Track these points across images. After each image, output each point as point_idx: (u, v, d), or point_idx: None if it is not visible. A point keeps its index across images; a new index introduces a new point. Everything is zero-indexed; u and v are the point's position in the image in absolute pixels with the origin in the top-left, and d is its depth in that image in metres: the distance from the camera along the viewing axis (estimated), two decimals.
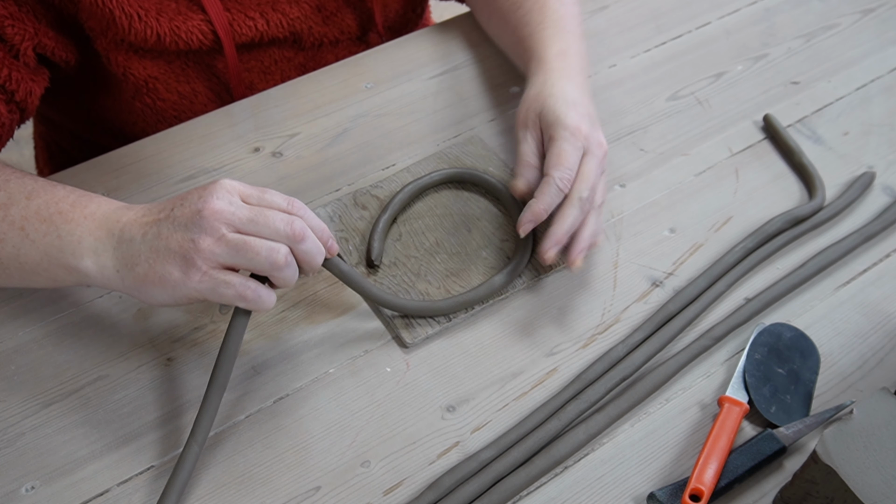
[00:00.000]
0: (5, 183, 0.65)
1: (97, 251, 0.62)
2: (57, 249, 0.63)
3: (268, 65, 0.91)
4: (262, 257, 0.60)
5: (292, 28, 0.89)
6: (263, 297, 0.61)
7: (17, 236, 0.63)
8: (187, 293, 0.60)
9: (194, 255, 0.59)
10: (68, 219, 0.63)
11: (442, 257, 0.76)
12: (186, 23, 0.82)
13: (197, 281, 0.60)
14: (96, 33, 0.81)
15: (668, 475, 0.65)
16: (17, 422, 0.66)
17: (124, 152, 0.84)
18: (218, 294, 0.60)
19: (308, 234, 0.61)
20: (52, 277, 0.65)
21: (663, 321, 0.73)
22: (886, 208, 0.82)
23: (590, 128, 0.74)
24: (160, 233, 0.60)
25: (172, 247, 0.60)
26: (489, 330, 0.73)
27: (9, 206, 0.64)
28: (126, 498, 0.62)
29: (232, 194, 0.61)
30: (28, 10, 0.75)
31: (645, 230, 0.80)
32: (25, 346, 0.70)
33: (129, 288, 0.62)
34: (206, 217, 0.59)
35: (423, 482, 0.64)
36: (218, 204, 0.60)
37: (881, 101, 0.93)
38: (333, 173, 0.83)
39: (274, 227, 0.60)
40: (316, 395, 0.68)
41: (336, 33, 0.93)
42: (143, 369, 0.69)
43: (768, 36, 0.99)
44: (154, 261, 0.60)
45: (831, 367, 0.71)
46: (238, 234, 0.60)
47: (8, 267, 0.65)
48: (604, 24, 0.99)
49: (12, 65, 0.74)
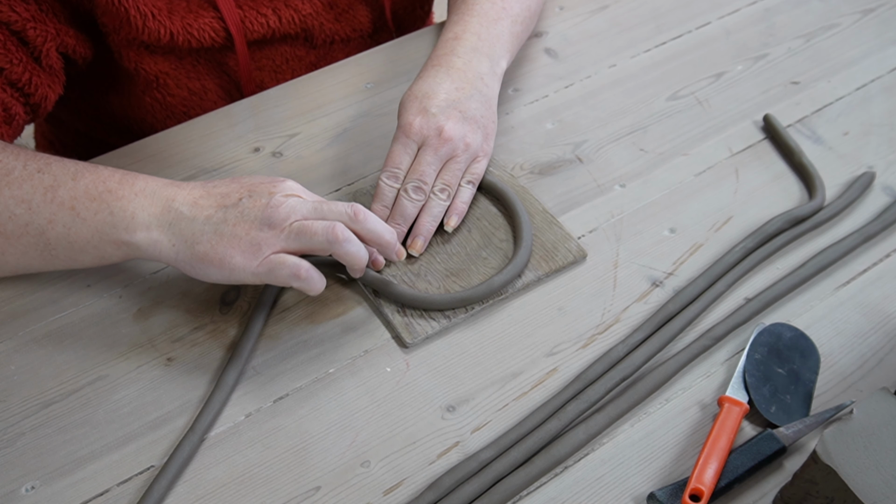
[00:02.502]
0: (47, 166, 0.67)
1: (150, 226, 0.65)
2: (109, 226, 0.65)
3: (279, 63, 0.91)
4: (319, 235, 0.64)
5: (304, 25, 0.89)
6: (315, 277, 0.66)
7: (68, 216, 0.65)
8: (243, 277, 0.65)
9: (261, 244, 0.64)
10: (118, 196, 0.65)
11: (442, 257, 0.76)
12: (198, 20, 0.82)
13: (256, 266, 0.64)
14: (109, 30, 0.81)
15: (668, 475, 0.65)
16: (17, 422, 0.66)
17: (124, 152, 0.84)
18: (273, 276, 0.65)
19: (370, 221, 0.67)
20: (100, 255, 0.67)
21: (663, 321, 0.73)
22: (886, 208, 0.82)
23: (424, 121, 0.76)
24: (227, 218, 0.65)
25: (240, 234, 0.64)
26: (489, 330, 0.73)
27: (56, 187, 0.66)
28: (126, 498, 0.62)
29: (297, 192, 0.67)
30: (48, 9, 0.75)
31: (645, 230, 0.80)
32: (25, 346, 0.70)
33: (181, 262, 0.66)
34: (276, 209, 0.65)
35: (423, 482, 0.64)
36: (288, 200, 0.65)
37: (881, 101, 0.93)
38: (333, 173, 0.83)
39: (337, 210, 0.66)
40: (316, 395, 0.68)
41: (348, 30, 0.93)
42: (143, 369, 0.69)
43: (768, 36, 0.99)
44: (217, 243, 0.64)
45: (831, 367, 0.71)
46: (300, 221, 0.65)
47: (55, 248, 0.66)
48: (604, 24, 0.99)
49: (34, 70, 0.75)
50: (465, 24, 0.83)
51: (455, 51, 0.81)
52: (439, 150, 0.75)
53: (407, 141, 0.76)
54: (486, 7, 0.85)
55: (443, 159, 0.76)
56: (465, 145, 0.76)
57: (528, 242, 0.76)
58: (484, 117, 0.79)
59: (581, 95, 0.91)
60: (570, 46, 0.96)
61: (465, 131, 0.77)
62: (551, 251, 0.77)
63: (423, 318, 0.72)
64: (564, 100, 0.91)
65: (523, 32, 0.89)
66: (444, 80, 0.78)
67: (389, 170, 0.76)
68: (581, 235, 0.79)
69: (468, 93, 0.78)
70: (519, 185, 0.82)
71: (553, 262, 0.76)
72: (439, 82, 0.78)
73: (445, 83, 0.78)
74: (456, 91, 0.78)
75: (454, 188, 0.76)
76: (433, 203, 0.76)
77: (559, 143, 0.87)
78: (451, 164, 0.76)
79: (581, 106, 0.90)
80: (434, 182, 0.76)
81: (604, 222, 0.80)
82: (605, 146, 0.87)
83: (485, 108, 0.79)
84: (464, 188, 0.77)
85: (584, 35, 0.98)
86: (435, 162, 0.75)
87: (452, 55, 0.80)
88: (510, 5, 0.86)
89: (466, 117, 0.77)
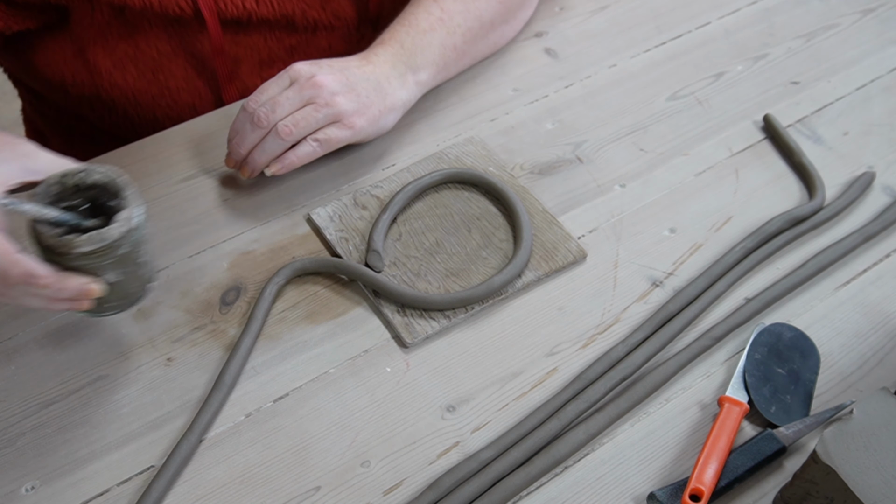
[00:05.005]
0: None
1: None
2: None
3: (257, 43, 0.90)
4: None
5: (284, 10, 0.88)
6: None
7: None
8: None
9: None
10: None
11: (442, 257, 0.76)
12: None
13: None
14: None
15: (668, 475, 0.65)
16: (17, 422, 0.66)
17: (124, 152, 0.84)
18: None
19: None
20: None
21: (663, 321, 0.73)
22: (886, 208, 0.82)
23: (307, 67, 0.76)
24: None
25: None
26: (489, 330, 0.73)
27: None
28: (126, 498, 0.62)
29: None
30: None
31: (645, 230, 0.80)
32: (25, 346, 0.70)
33: None
34: None
35: (423, 482, 0.64)
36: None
37: (881, 101, 0.93)
38: (333, 173, 0.83)
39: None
40: (316, 395, 0.68)
41: (332, 18, 0.92)
42: (143, 369, 0.69)
43: (768, 36, 0.99)
44: None
45: (831, 367, 0.71)
46: None
47: None
48: (604, 24, 0.99)
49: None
50: (392, 32, 0.84)
51: (373, 52, 0.82)
52: (303, 91, 0.75)
53: (283, 76, 0.76)
54: (420, 17, 0.84)
55: (304, 101, 0.75)
56: (330, 98, 0.75)
57: (528, 242, 0.76)
58: (368, 98, 0.78)
59: (581, 95, 0.91)
60: (570, 46, 0.96)
61: (339, 90, 0.76)
62: (551, 251, 0.77)
63: (423, 318, 0.72)
64: (564, 100, 0.91)
65: (468, 44, 0.87)
66: (350, 60, 0.80)
67: (253, 97, 0.76)
68: (581, 235, 0.79)
69: (365, 76, 0.78)
70: (519, 185, 0.82)
71: (553, 262, 0.76)
72: (346, 60, 0.79)
73: (351, 62, 0.79)
74: (355, 69, 0.79)
75: (299, 132, 0.75)
76: (269, 140, 0.75)
77: (559, 143, 0.87)
78: (309, 108, 0.75)
79: (581, 106, 0.90)
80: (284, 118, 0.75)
81: (604, 222, 0.80)
82: (605, 146, 0.87)
83: (374, 93, 0.79)
84: (307, 143, 0.76)
85: (584, 35, 0.98)
86: (294, 98, 0.75)
87: (370, 54, 0.81)
88: (450, 17, 0.85)
89: (349, 84, 0.77)
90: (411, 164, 0.83)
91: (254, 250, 0.77)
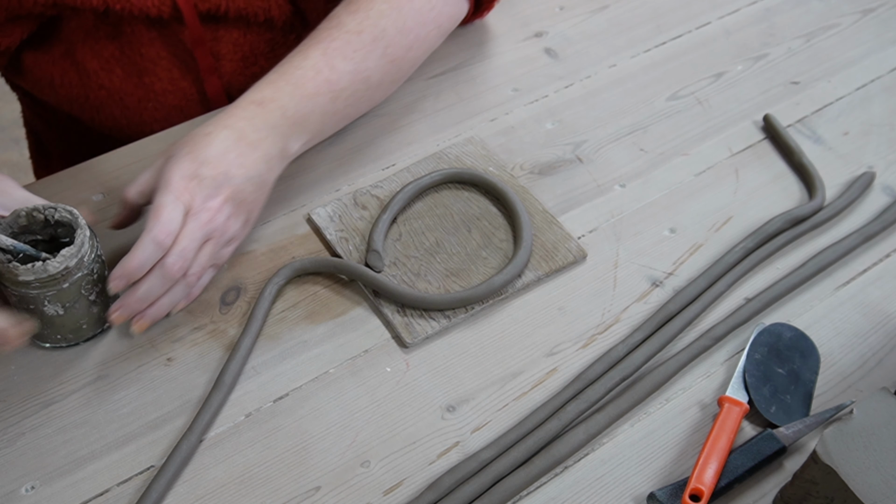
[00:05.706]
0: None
1: None
2: None
3: (235, 36, 0.89)
4: None
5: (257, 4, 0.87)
6: None
7: None
8: None
9: None
10: None
11: (442, 257, 0.76)
12: None
13: None
14: None
15: (668, 475, 0.65)
16: (17, 422, 0.66)
17: (124, 152, 0.84)
18: None
19: None
20: None
21: (663, 321, 0.73)
22: (886, 208, 0.82)
23: (195, 187, 0.68)
24: None
25: None
26: (489, 330, 0.73)
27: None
28: (126, 498, 0.62)
29: None
30: None
31: (645, 230, 0.80)
32: (25, 346, 0.70)
33: None
34: None
35: (423, 482, 0.64)
36: None
37: (881, 101, 0.93)
38: (333, 173, 0.83)
39: None
40: (316, 395, 0.68)
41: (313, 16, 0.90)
42: (143, 369, 0.69)
43: (768, 36, 0.99)
44: None
45: (831, 367, 0.71)
46: None
47: None
48: (604, 24, 0.99)
49: None
50: (276, 90, 0.75)
51: (254, 121, 0.73)
52: (204, 228, 0.68)
53: (177, 204, 0.67)
54: (308, 75, 0.76)
55: (205, 237, 0.70)
56: (224, 228, 0.70)
57: (528, 242, 0.76)
58: (253, 202, 0.73)
59: (581, 95, 0.91)
60: (570, 46, 0.96)
61: (229, 213, 0.70)
62: (551, 251, 0.77)
63: (423, 318, 0.72)
64: (564, 100, 0.91)
65: (349, 108, 0.81)
66: (230, 150, 0.71)
67: (163, 225, 0.66)
68: (581, 235, 0.79)
69: (248, 174, 0.71)
70: (519, 185, 0.82)
71: (553, 262, 0.76)
72: (224, 152, 0.71)
73: (230, 155, 0.71)
74: (237, 167, 0.71)
75: (202, 271, 0.71)
76: (177, 288, 0.69)
77: (559, 143, 0.87)
78: (207, 245, 0.70)
79: (581, 106, 0.90)
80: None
81: (604, 222, 0.80)
82: (605, 146, 0.87)
83: (257, 192, 0.73)
84: (207, 273, 0.73)
85: (584, 35, 0.98)
86: (199, 239, 0.68)
87: (249, 126, 0.73)
88: (338, 78, 0.78)
89: (236, 200, 0.71)
90: (411, 164, 0.83)
91: (254, 250, 0.77)
